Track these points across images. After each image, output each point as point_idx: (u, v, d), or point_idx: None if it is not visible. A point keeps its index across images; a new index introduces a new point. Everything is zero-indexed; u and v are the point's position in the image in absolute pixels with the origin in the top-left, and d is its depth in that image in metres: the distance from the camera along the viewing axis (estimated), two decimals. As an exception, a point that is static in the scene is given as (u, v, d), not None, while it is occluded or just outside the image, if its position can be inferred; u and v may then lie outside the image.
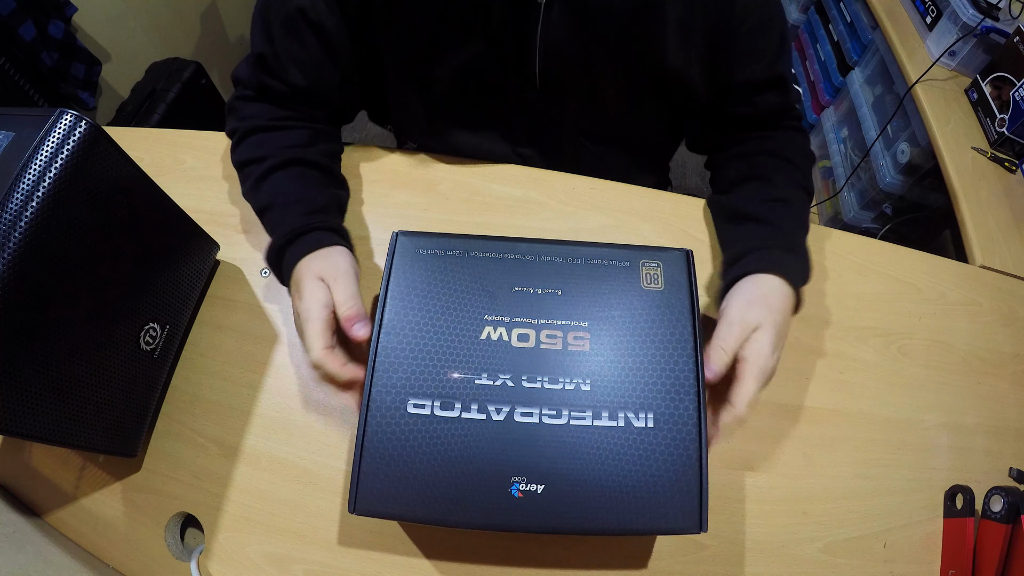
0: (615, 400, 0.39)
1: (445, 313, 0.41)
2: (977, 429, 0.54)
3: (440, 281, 0.42)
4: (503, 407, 0.39)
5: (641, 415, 0.39)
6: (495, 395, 0.39)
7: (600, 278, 0.43)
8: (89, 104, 1.20)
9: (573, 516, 0.37)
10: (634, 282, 0.42)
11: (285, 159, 0.54)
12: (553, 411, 0.39)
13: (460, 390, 0.39)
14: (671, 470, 0.38)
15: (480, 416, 0.39)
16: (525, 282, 0.42)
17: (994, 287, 0.63)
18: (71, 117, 0.38)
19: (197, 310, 0.56)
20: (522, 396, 0.39)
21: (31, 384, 0.37)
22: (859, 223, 1.30)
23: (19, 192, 0.35)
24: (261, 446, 0.50)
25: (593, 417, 0.39)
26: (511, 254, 0.44)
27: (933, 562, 0.48)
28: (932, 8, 1.04)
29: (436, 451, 0.38)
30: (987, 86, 0.92)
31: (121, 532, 0.48)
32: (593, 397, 0.39)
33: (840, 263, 0.61)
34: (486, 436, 0.38)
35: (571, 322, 0.41)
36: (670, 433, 0.39)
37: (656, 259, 0.44)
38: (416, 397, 0.39)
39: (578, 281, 0.43)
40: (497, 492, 0.37)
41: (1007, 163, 0.85)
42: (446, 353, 0.40)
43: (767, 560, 0.47)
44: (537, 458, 0.38)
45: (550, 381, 0.40)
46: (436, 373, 0.40)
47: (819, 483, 0.50)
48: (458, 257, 0.43)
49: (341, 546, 0.46)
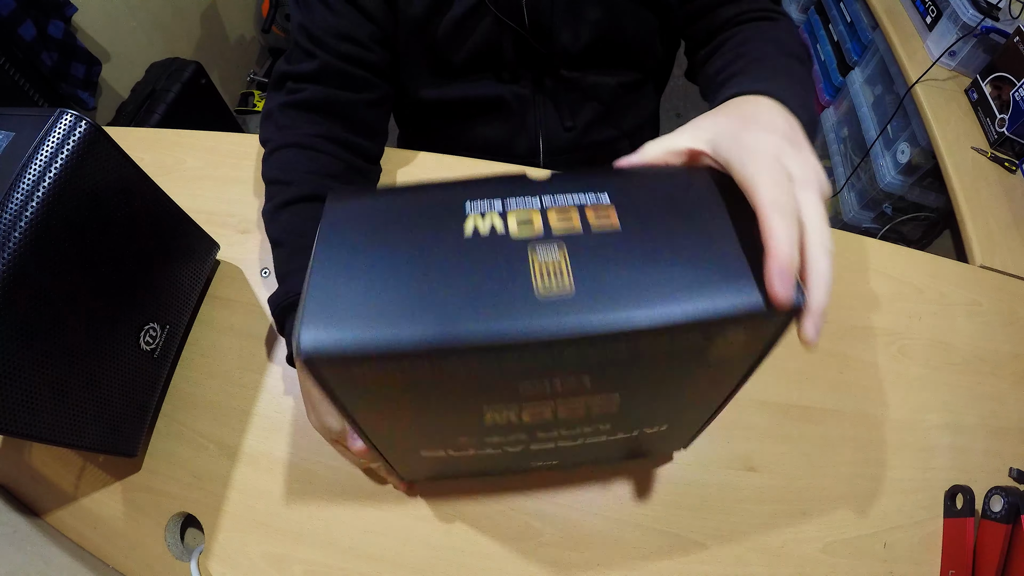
0: (634, 427, 0.35)
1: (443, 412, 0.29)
2: (977, 429, 0.54)
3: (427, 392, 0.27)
4: (519, 446, 0.34)
5: (655, 426, 0.36)
6: (509, 443, 0.33)
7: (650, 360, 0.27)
8: (89, 104, 1.20)
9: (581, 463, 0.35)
10: (700, 356, 0.27)
11: (310, 191, 0.51)
12: (569, 441, 0.34)
13: (471, 444, 0.33)
14: (670, 439, 0.35)
15: (496, 452, 0.34)
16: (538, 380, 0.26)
17: (994, 287, 0.63)
18: (71, 117, 0.38)
19: (197, 310, 0.56)
20: (538, 441, 0.33)
21: (31, 384, 0.37)
22: (859, 223, 1.30)
23: (19, 192, 0.35)
24: (261, 446, 0.50)
25: (609, 437, 0.34)
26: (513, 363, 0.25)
27: (933, 562, 0.48)
28: (932, 8, 1.03)
29: (454, 466, 0.35)
30: (987, 86, 0.92)
31: (121, 532, 0.48)
32: (612, 432, 0.34)
33: (840, 263, 0.61)
34: (503, 456, 0.35)
35: (599, 397, 0.29)
36: (681, 427, 0.37)
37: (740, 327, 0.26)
38: (426, 450, 0.35)
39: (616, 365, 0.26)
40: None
41: (1007, 163, 0.85)
42: (450, 431, 0.32)
43: (767, 560, 0.47)
44: (552, 457, 0.36)
45: (568, 431, 0.33)
46: (442, 440, 0.34)
47: (819, 483, 0.50)
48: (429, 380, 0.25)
49: (341, 546, 0.46)
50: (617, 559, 0.46)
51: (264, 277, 0.58)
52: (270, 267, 0.59)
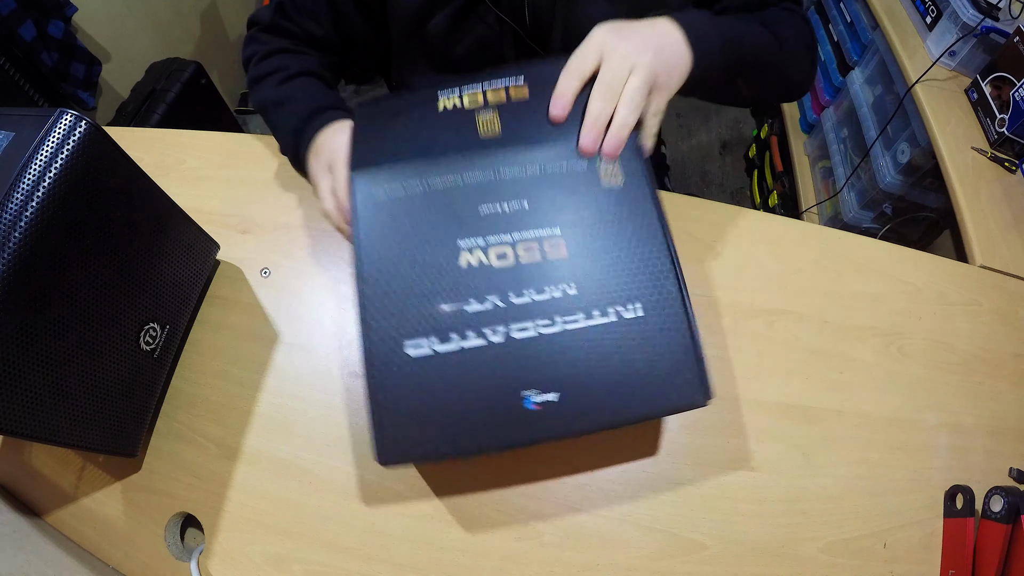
0: (603, 297, 0.40)
1: (420, 251, 0.41)
2: (977, 429, 0.54)
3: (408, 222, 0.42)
4: (498, 327, 0.39)
5: (630, 306, 0.40)
6: (488, 318, 0.40)
7: (561, 184, 0.43)
8: (89, 104, 1.20)
9: (591, 416, 0.39)
10: (594, 182, 0.43)
11: (306, 70, 0.59)
12: (547, 320, 0.40)
13: (453, 321, 0.39)
14: (669, 350, 0.39)
15: (479, 342, 0.39)
16: (491, 199, 0.42)
17: (994, 287, 0.63)
18: (71, 117, 0.38)
19: (197, 310, 0.56)
20: (514, 313, 0.40)
21: (31, 384, 0.37)
22: (859, 223, 1.30)
23: (19, 192, 0.35)
24: (261, 446, 0.50)
25: (585, 317, 0.40)
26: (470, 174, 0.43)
27: (933, 562, 0.48)
28: (932, 8, 1.03)
29: (444, 386, 0.39)
30: (987, 86, 0.92)
31: (121, 532, 0.48)
32: (582, 299, 0.40)
33: (840, 263, 0.61)
34: (489, 359, 0.39)
35: (544, 231, 0.41)
36: (660, 316, 0.40)
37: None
38: (412, 338, 0.39)
39: (541, 190, 0.43)
40: (512, 408, 0.38)
41: (1007, 163, 0.85)
42: (430, 289, 0.40)
43: (767, 560, 0.47)
44: (543, 368, 0.39)
45: (537, 292, 0.40)
46: (425, 310, 0.40)
47: (819, 483, 0.50)
48: (419, 194, 0.43)
49: (341, 546, 0.46)
50: (617, 559, 0.46)
51: (264, 277, 0.59)
52: (270, 267, 0.59)
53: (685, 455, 0.50)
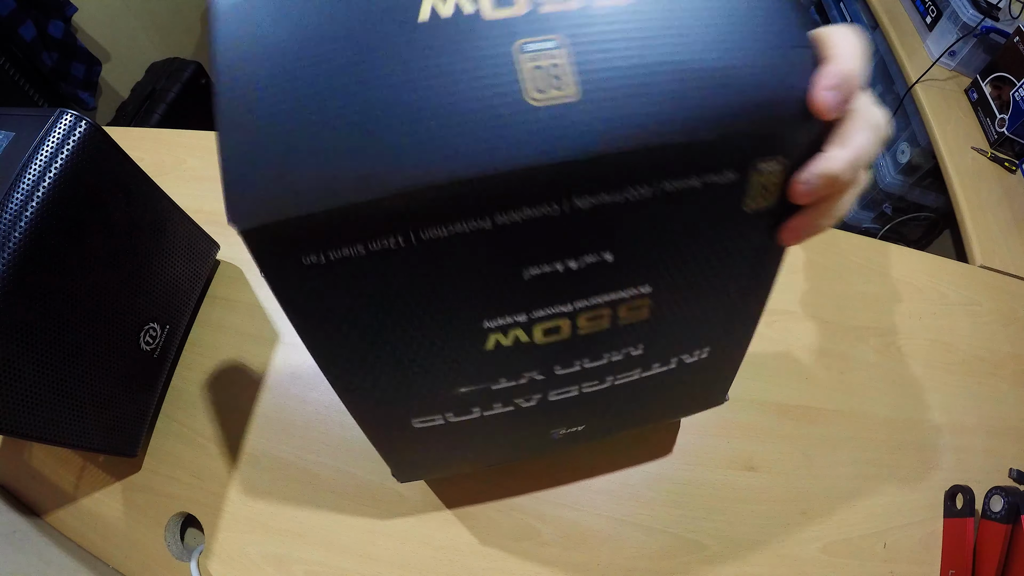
0: (671, 351, 0.30)
1: (430, 330, 0.24)
2: (977, 429, 0.54)
3: (404, 291, 0.23)
4: (534, 395, 0.30)
5: (696, 352, 0.31)
6: (522, 391, 0.29)
7: (681, 211, 0.22)
8: (89, 104, 1.20)
9: (612, 430, 0.37)
10: (735, 204, 0.23)
11: None
12: (595, 381, 0.30)
13: (475, 398, 0.29)
14: (713, 376, 0.35)
15: (507, 409, 0.30)
16: (546, 257, 0.22)
17: (994, 287, 0.63)
18: (71, 117, 0.38)
19: (197, 310, 0.56)
20: (557, 382, 0.29)
21: (31, 384, 0.37)
22: (859, 223, 1.30)
23: (19, 192, 0.35)
24: (261, 446, 0.50)
25: (642, 371, 0.30)
26: (511, 214, 0.20)
27: (933, 562, 0.48)
28: (932, 8, 1.03)
29: (456, 441, 0.33)
30: (987, 86, 0.92)
31: (121, 532, 0.48)
32: (645, 359, 0.30)
33: (840, 263, 0.61)
34: (516, 419, 0.31)
35: (627, 292, 0.25)
36: (724, 355, 0.32)
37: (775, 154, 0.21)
38: (419, 417, 0.30)
39: (642, 227, 0.22)
40: (535, 442, 0.36)
41: (1007, 163, 0.85)
42: (445, 375, 0.27)
43: (767, 560, 0.47)
44: (577, 415, 0.33)
45: (592, 360, 0.29)
46: (437, 395, 0.29)
47: (819, 483, 0.50)
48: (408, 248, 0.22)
49: (341, 546, 0.46)
50: (617, 559, 0.46)
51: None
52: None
53: (685, 455, 0.50)
